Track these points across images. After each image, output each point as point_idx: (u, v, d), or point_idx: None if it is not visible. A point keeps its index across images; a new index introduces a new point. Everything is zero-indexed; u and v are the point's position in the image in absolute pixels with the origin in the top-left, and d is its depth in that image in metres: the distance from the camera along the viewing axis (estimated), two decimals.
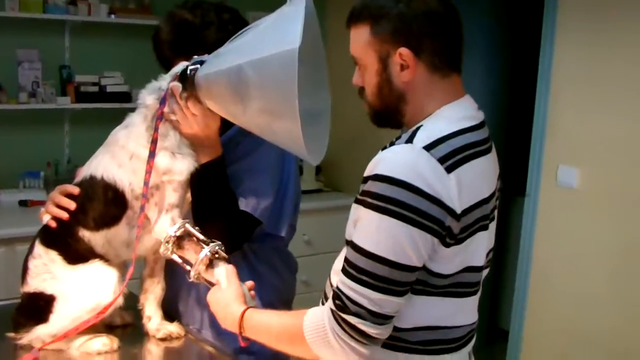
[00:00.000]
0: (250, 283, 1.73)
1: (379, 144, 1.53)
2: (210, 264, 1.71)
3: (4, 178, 3.50)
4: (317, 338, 1.44)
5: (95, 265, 1.85)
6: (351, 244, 1.44)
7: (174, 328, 1.97)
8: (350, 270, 1.42)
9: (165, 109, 1.79)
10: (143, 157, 1.78)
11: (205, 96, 1.74)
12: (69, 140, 3.72)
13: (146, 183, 1.77)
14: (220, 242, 1.73)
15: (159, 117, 1.78)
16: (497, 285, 4.76)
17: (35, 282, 1.85)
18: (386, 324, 1.42)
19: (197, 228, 1.77)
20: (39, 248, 1.87)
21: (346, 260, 1.44)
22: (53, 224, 1.85)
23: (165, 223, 1.80)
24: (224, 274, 1.69)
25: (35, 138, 3.65)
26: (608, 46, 3.19)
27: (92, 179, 1.83)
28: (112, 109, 3.62)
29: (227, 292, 1.66)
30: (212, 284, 1.71)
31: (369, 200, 1.41)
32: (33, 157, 3.60)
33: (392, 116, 1.55)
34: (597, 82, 3.24)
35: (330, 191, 4.22)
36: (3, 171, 3.52)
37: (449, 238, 1.43)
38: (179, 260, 1.76)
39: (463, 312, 1.58)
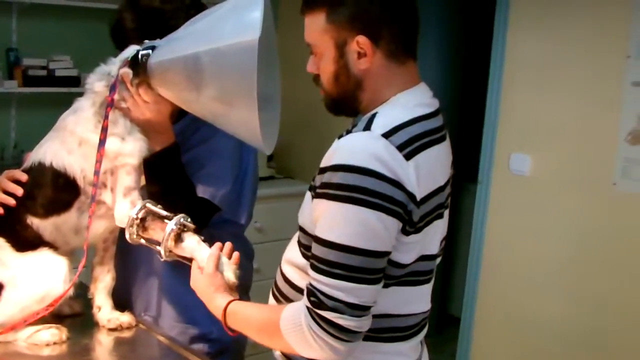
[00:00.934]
0: (228, 244, 1.68)
1: (330, 130, 1.52)
2: (179, 238, 1.68)
3: None
4: (294, 335, 1.42)
5: (44, 253, 1.81)
6: (317, 240, 1.41)
7: (124, 318, 1.94)
8: (321, 266, 1.39)
9: (115, 96, 1.75)
10: (92, 142, 1.74)
11: (158, 83, 1.71)
12: (16, 124, 3.63)
13: (96, 172, 1.74)
14: (184, 215, 1.70)
15: (109, 104, 1.74)
16: (448, 272, 4.81)
17: None
18: (365, 316, 1.40)
19: (159, 206, 1.74)
20: None
21: (314, 257, 1.41)
22: (0, 210, 1.80)
23: (125, 207, 1.77)
24: (197, 246, 1.66)
25: None
26: (560, 33, 3.23)
27: (40, 166, 1.79)
28: (61, 93, 3.53)
29: (210, 282, 1.61)
30: (186, 259, 1.68)
31: (331, 192, 1.38)
32: None
33: (348, 103, 1.53)
34: (549, 69, 3.28)
35: (282, 178, 4.19)
36: None
37: (408, 226, 1.42)
38: (145, 243, 1.72)
39: (417, 300, 1.58)
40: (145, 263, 2.02)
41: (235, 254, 1.68)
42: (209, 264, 1.63)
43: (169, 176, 1.85)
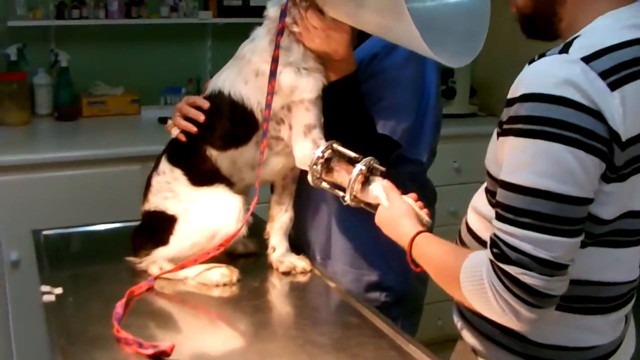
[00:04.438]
0: (413, 195, 1.52)
1: None
2: (367, 182, 1.52)
3: (145, 94, 3.44)
4: (472, 288, 1.20)
5: (219, 189, 1.73)
6: (502, 184, 1.18)
7: (298, 262, 1.81)
8: (506, 214, 1.16)
9: (287, 19, 1.61)
10: (268, 74, 1.62)
11: (321, 1, 1.55)
12: (211, 55, 3.60)
13: (268, 105, 1.62)
14: (373, 157, 1.54)
15: (280, 31, 1.62)
16: None
17: (157, 200, 1.76)
18: (557, 276, 1.14)
19: (346, 146, 1.58)
20: (164, 165, 1.78)
21: (499, 204, 1.18)
22: (183, 138, 1.74)
23: (306, 147, 1.63)
24: (381, 190, 1.49)
25: (176, 53, 3.55)
26: None
27: (220, 95, 1.70)
28: (256, 23, 3.43)
29: (395, 209, 1.46)
30: (371, 207, 1.52)
31: (519, 126, 1.15)
32: (174, 73, 3.52)
33: (546, 22, 1.28)
34: None
35: (485, 115, 3.88)
36: (144, 87, 3.46)
37: (610, 171, 1.16)
38: (327, 187, 1.59)
39: (619, 266, 1.30)
40: (322, 204, 1.86)
41: (419, 204, 1.51)
42: (394, 194, 1.48)
43: (346, 109, 1.68)
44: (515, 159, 1.16)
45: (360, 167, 1.51)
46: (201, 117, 1.71)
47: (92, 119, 3.30)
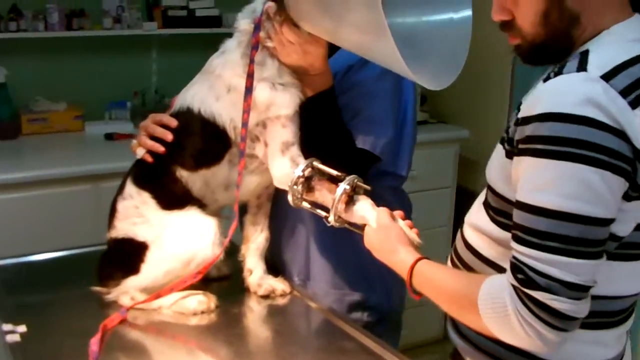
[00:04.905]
0: (400, 213, 1.45)
1: (487, 72, 1.23)
2: (351, 201, 1.44)
3: (89, 109, 3.30)
4: (493, 315, 1.15)
5: (192, 212, 1.62)
6: (522, 206, 1.13)
7: (278, 284, 1.73)
8: (529, 238, 1.11)
9: (261, 34, 1.53)
10: (241, 89, 1.54)
11: (296, 15, 1.48)
12: (157, 68, 3.49)
13: (244, 124, 1.53)
14: (357, 175, 1.46)
15: (254, 46, 1.54)
16: None
17: (125, 227, 1.64)
18: (584, 299, 1.11)
19: (326, 165, 1.50)
20: (130, 188, 1.66)
21: (519, 227, 1.13)
22: (149, 159, 1.63)
23: (285, 166, 1.55)
24: (369, 210, 1.42)
25: (120, 66, 3.42)
26: None
27: (189, 112, 1.60)
28: (202, 34, 3.36)
29: (387, 233, 1.38)
30: (357, 227, 1.45)
31: (539, 146, 1.10)
32: (119, 87, 3.39)
33: (558, 46, 1.23)
34: None
35: (435, 122, 3.87)
36: (88, 102, 3.31)
37: (632, 190, 1.13)
38: (309, 207, 1.50)
39: (629, 279, 1.27)
40: (299, 223, 1.78)
41: (408, 222, 1.44)
42: (383, 216, 1.40)
43: (323, 125, 1.61)
44: (537, 180, 1.10)
45: (344, 186, 1.43)
46: (169, 136, 1.61)
47: (33, 137, 3.13)
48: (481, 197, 1.37)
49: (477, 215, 1.34)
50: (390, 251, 1.36)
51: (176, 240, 1.59)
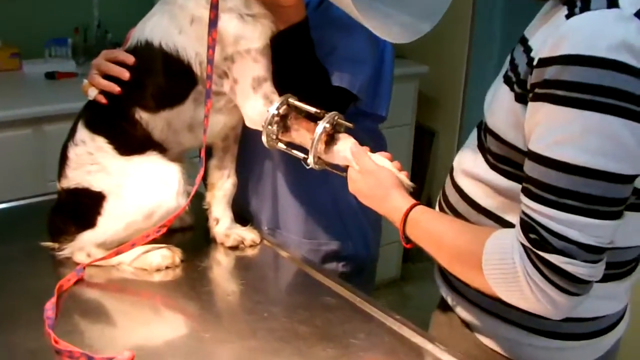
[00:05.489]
0: (387, 155, 1.34)
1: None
2: (331, 140, 1.32)
3: (27, 47, 3.06)
4: (500, 276, 1.05)
5: (153, 158, 1.48)
6: (539, 158, 1.01)
7: (247, 234, 1.60)
8: (546, 195, 1.00)
9: None
10: (206, 20, 1.38)
11: None
12: (98, 1, 3.24)
13: (210, 61, 1.38)
14: (337, 112, 1.34)
15: None
16: None
17: (78, 176, 1.49)
18: (600, 261, 1.01)
19: (303, 101, 1.38)
20: (82, 132, 1.50)
21: (533, 181, 1.02)
22: (103, 100, 1.47)
23: (258, 104, 1.42)
24: (350, 150, 1.31)
25: (59, 0, 3.16)
26: None
27: (148, 47, 1.44)
28: None
29: (378, 176, 1.27)
30: (338, 169, 1.34)
31: (562, 93, 0.97)
32: (58, 22, 3.14)
33: None
34: None
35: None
36: (25, 39, 3.07)
37: None
38: (284, 148, 1.38)
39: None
40: (267, 166, 1.65)
41: (397, 164, 1.32)
42: (370, 159, 1.29)
43: (298, 60, 1.46)
44: (558, 131, 0.98)
45: (323, 124, 1.31)
46: (126, 74, 1.45)
47: None
48: (473, 141, 1.26)
49: (472, 162, 1.23)
50: (382, 197, 1.25)
51: (137, 189, 1.45)
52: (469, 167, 1.23)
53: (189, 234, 1.65)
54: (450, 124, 3.62)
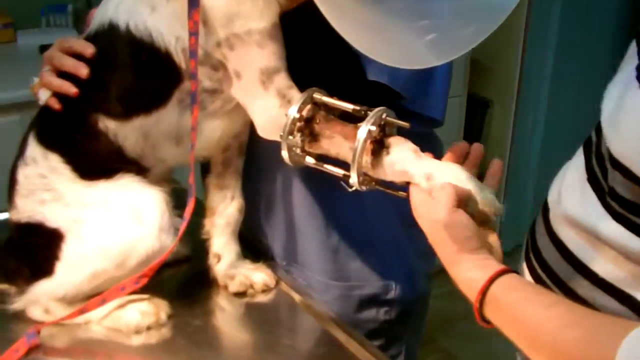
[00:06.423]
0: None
1: None
2: (380, 148, 0.94)
3: (21, 16, 2.79)
4: None
5: (126, 182, 1.13)
6: None
7: (257, 274, 1.24)
8: None
9: None
10: None
11: None
12: None
13: (192, 53, 1.01)
14: (385, 107, 0.96)
15: None
16: None
17: (29, 206, 1.15)
18: None
19: (334, 97, 1.01)
20: (33, 149, 1.16)
21: None
22: (56, 106, 1.12)
23: (270, 105, 1.06)
24: (414, 159, 0.93)
25: None
26: None
27: (112, 30, 1.08)
28: None
29: (449, 224, 0.85)
30: (396, 187, 0.96)
31: None
32: None
33: None
34: None
35: None
36: (20, 7, 2.80)
37: None
38: (315, 164, 1.01)
39: None
40: (281, 183, 1.28)
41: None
42: (443, 192, 0.87)
43: (320, 48, 1.08)
44: None
45: (367, 126, 0.92)
46: (83, 71, 1.09)
47: None
48: (580, 169, 0.86)
49: (580, 205, 0.83)
50: (452, 262, 0.84)
51: (101, 226, 1.10)
52: (577, 213, 0.83)
53: (184, 268, 1.30)
54: (506, 92, 3.31)
